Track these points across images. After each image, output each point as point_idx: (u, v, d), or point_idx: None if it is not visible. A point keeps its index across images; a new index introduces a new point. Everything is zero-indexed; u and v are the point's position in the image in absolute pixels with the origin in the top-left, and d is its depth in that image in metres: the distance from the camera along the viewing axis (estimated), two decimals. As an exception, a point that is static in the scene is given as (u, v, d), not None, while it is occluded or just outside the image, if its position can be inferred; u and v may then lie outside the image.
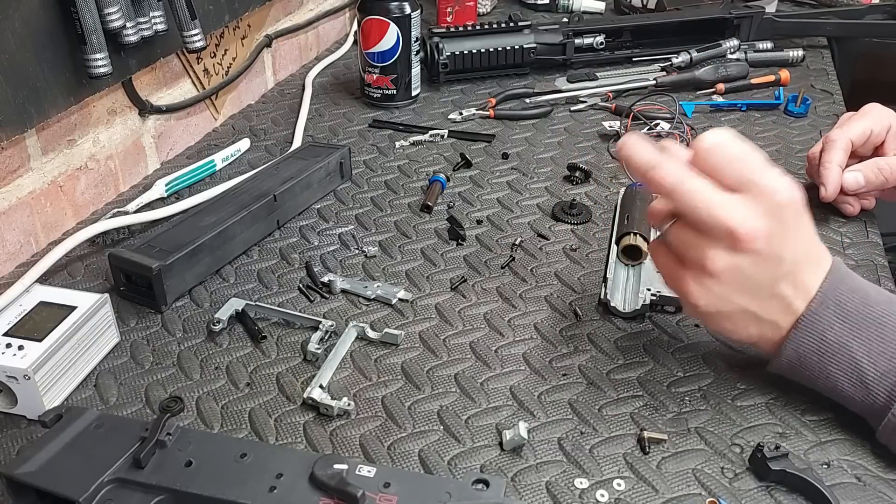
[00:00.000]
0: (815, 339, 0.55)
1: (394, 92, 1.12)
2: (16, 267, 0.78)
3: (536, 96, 1.15)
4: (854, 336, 0.55)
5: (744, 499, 0.54)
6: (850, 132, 0.82)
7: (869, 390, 0.55)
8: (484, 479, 0.50)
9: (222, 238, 0.76)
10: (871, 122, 0.82)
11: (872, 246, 0.80)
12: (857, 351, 0.55)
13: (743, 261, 0.53)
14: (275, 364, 0.66)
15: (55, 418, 0.53)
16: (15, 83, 0.70)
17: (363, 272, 0.78)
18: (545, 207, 0.89)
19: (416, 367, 0.66)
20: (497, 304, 0.73)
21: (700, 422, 0.60)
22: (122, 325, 0.70)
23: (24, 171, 0.77)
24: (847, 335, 0.55)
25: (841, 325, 0.55)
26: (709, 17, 1.30)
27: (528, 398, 0.62)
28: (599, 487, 0.55)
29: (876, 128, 0.82)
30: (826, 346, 0.55)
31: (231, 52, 1.10)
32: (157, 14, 0.83)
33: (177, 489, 0.49)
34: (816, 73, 1.24)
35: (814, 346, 0.56)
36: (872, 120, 0.82)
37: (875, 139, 0.83)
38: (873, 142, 0.83)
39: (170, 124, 0.99)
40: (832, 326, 0.55)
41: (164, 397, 0.63)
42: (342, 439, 0.59)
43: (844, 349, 0.55)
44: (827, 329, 0.55)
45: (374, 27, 1.07)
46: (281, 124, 1.10)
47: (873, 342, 0.54)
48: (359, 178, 0.95)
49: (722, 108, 1.12)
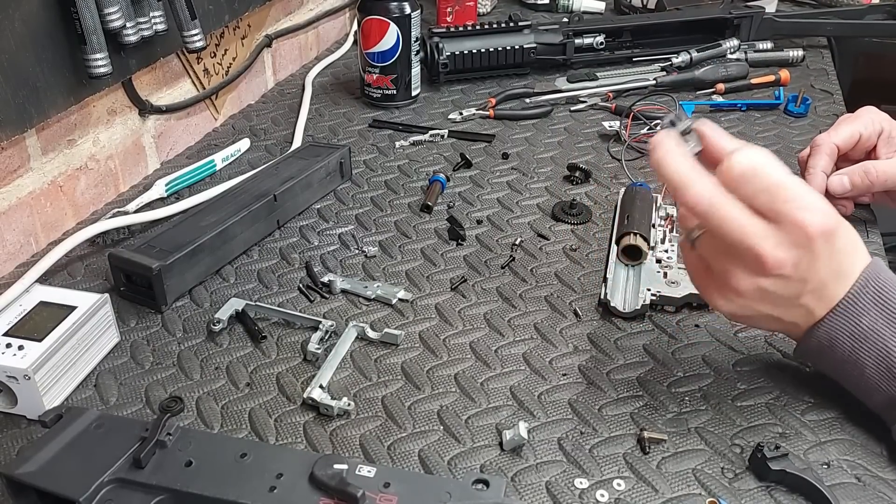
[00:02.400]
0: (850, 322, 0.56)
1: (394, 92, 1.12)
2: (16, 267, 0.78)
3: (536, 96, 1.15)
4: (888, 324, 0.55)
5: (744, 499, 0.54)
6: (836, 137, 0.83)
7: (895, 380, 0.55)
8: (484, 479, 0.50)
9: (222, 238, 0.76)
10: (860, 127, 0.83)
11: (872, 246, 0.80)
12: (890, 339, 0.55)
13: (766, 282, 0.54)
14: (275, 364, 0.66)
15: (55, 418, 0.53)
16: (15, 83, 0.70)
17: (363, 272, 0.78)
18: (545, 207, 0.89)
19: (416, 367, 0.66)
20: (497, 304, 0.73)
21: (700, 422, 0.60)
22: (122, 325, 0.70)
23: (24, 171, 0.77)
24: (882, 323, 0.55)
25: (877, 311, 0.55)
26: (709, 17, 1.29)
27: (528, 398, 0.62)
28: (599, 487, 0.55)
29: (865, 132, 0.82)
30: (859, 330, 0.56)
31: (231, 51, 1.10)
32: (157, 14, 0.83)
33: (177, 489, 0.49)
34: (816, 73, 1.24)
35: (847, 330, 0.56)
36: (863, 124, 0.83)
37: (865, 143, 0.83)
38: (864, 146, 0.83)
39: (170, 124, 0.99)
40: (868, 312, 0.55)
41: (164, 397, 0.63)
42: (342, 439, 0.59)
43: (877, 335, 0.55)
44: (863, 314, 0.55)
45: (374, 27, 1.07)
46: (281, 124, 1.10)
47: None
48: (359, 178, 0.95)
49: (722, 108, 1.12)
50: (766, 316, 0.57)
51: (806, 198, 0.53)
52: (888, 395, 0.56)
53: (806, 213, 0.52)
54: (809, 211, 0.52)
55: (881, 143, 0.83)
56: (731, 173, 0.53)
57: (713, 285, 0.57)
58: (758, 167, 0.53)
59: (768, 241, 0.52)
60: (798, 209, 0.52)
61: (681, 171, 0.53)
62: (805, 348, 0.58)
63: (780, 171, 0.53)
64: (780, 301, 0.56)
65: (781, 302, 0.56)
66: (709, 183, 0.53)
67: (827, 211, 0.53)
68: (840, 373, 0.58)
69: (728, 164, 0.53)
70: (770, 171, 0.53)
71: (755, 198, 0.53)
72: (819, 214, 0.52)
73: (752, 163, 0.53)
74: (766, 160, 0.53)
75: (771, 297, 0.55)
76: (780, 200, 0.52)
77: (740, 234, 0.52)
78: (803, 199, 0.52)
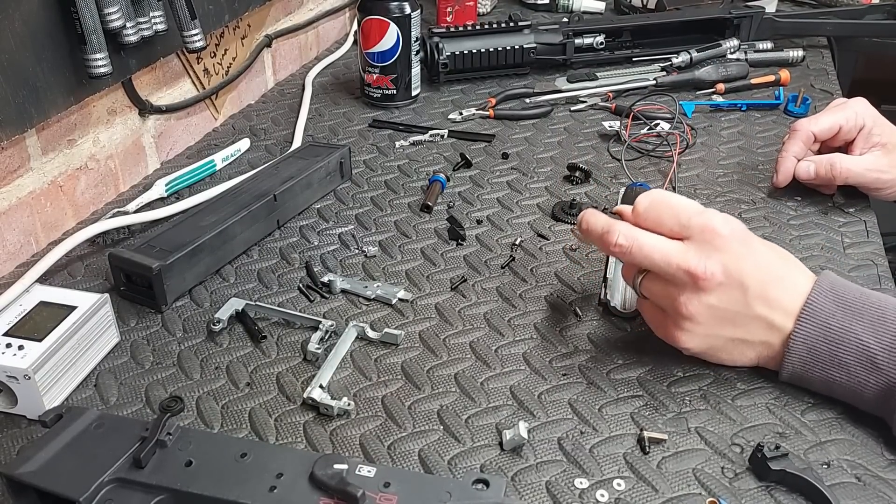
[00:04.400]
0: (821, 328, 0.57)
1: (394, 92, 1.12)
2: (16, 267, 0.78)
3: (536, 96, 1.15)
4: (856, 320, 0.57)
5: (744, 499, 0.54)
6: (815, 126, 0.86)
7: (880, 369, 0.56)
8: (484, 479, 0.50)
9: (222, 238, 0.76)
10: (842, 119, 0.85)
11: (872, 246, 0.80)
12: (863, 334, 0.56)
13: (711, 298, 0.58)
14: (275, 364, 0.66)
15: (55, 418, 0.53)
16: (15, 83, 0.70)
17: (363, 272, 0.78)
18: (545, 207, 0.89)
19: (416, 366, 0.66)
20: (497, 303, 0.73)
21: (700, 422, 0.60)
22: (122, 325, 0.70)
23: (24, 171, 0.77)
24: (850, 320, 0.57)
25: (842, 312, 0.57)
26: (709, 17, 1.30)
27: (528, 398, 0.62)
28: (599, 487, 0.55)
29: (847, 125, 0.85)
30: (832, 333, 0.57)
31: (231, 51, 1.10)
32: (157, 14, 0.83)
33: (177, 489, 0.49)
34: (816, 73, 1.24)
35: (820, 335, 0.57)
36: (845, 117, 0.85)
37: (845, 135, 0.85)
38: (843, 137, 0.86)
39: (170, 124, 0.99)
40: (834, 315, 0.57)
41: (164, 397, 0.63)
42: (342, 439, 0.59)
43: (850, 334, 0.57)
44: (829, 318, 0.57)
45: (374, 27, 1.07)
46: (281, 124, 1.10)
47: (875, 323, 0.56)
48: (359, 177, 0.95)
49: (722, 108, 1.12)
50: (732, 340, 0.60)
51: (707, 212, 0.59)
52: (877, 388, 0.56)
53: (711, 219, 0.58)
54: (714, 218, 0.58)
55: (860, 137, 0.85)
56: (639, 210, 0.60)
57: (670, 323, 0.61)
58: (657, 198, 0.60)
59: (690, 255, 0.57)
60: (704, 219, 0.58)
61: (601, 223, 0.61)
62: (790, 366, 0.60)
63: (679, 198, 0.61)
64: (735, 317, 0.59)
65: (738, 318, 0.59)
66: (625, 225, 0.60)
67: (730, 218, 0.59)
68: (828, 381, 0.59)
69: (634, 206, 0.61)
70: (669, 198, 0.60)
71: (663, 224, 0.59)
72: (723, 220, 0.58)
73: (652, 196, 0.61)
74: (665, 193, 0.61)
75: (723, 313, 0.58)
76: (685, 217, 0.58)
77: (664, 258, 0.58)
78: (705, 213, 0.59)
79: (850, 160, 0.83)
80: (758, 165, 0.96)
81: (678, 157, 0.96)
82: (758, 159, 0.98)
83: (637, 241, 0.59)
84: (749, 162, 0.97)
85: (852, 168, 0.83)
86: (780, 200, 0.89)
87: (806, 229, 0.83)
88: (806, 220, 0.85)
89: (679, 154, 0.97)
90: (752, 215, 0.86)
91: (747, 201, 0.89)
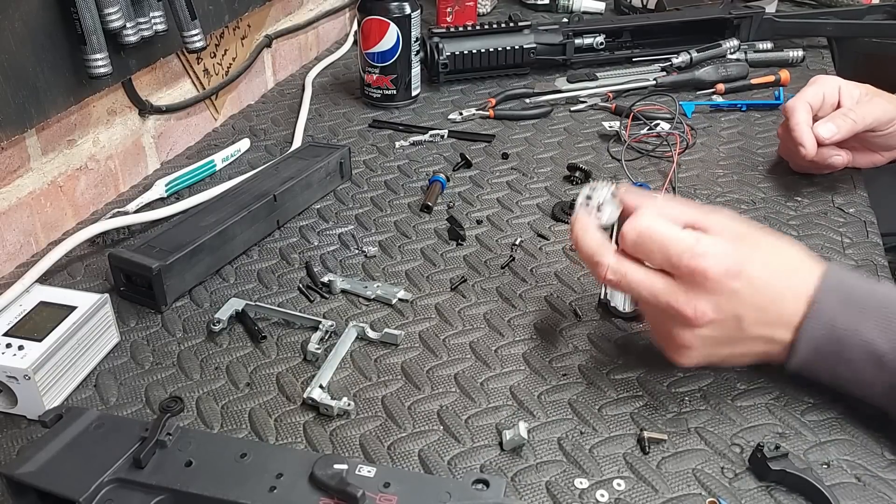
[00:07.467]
0: (826, 327, 0.56)
1: (394, 92, 1.12)
2: (16, 267, 0.78)
3: (536, 96, 1.15)
4: (862, 318, 0.56)
5: (744, 499, 0.54)
6: (805, 96, 0.87)
7: (886, 367, 0.55)
8: (484, 479, 0.50)
9: (222, 238, 0.76)
10: (821, 87, 0.87)
11: (872, 246, 0.80)
12: (869, 332, 0.55)
13: (703, 331, 0.56)
14: (275, 364, 0.66)
15: (55, 418, 0.53)
16: (15, 83, 0.70)
17: (363, 272, 0.78)
18: (545, 207, 0.89)
19: (416, 367, 0.66)
20: (497, 304, 0.73)
21: (700, 422, 0.60)
22: (122, 325, 0.70)
23: (24, 171, 0.77)
24: (856, 318, 0.56)
25: (848, 310, 0.56)
26: (709, 17, 1.29)
27: (527, 398, 0.62)
28: (599, 487, 0.55)
29: (827, 90, 0.87)
30: (837, 332, 0.56)
31: (231, 52, 1.10)
32: (157, 14, 0.83)
33: (177, 489, 0.49)
34: (816, 74, 1.24)
35: (825, 334, 0.56)
36: (821, 86, 0.87)
37: (830, 100, 0.87)
38: (830, 103, 0.87)
39: (170, 124, 0.99)
40: (840, 313, 0.56)
41: (164, 397, 0.63)
42: (342, 439, 0.59)
43: (855, 332, 0.56)
44: (836, 316, 0.56)
45: (374, 27, 1.07)
46: (281, 124, 1.10)
47: (881, 320, 0.56)
48: (359, 178, 0.95)
49: (722, 109, 1.12)
50: (732, 354, 0.59)
51: (697, 246, 0.55)
52: (885, 386, 0.56)
53: (700, 260, 0.55)
54: (703, 257, 0.55)
55: (844, 97, 0.87)
56: (626, 243, 0.58)
57: (667, 345, 0.60)
58: (643, 232, 0.57)
59: (678, 295, 0.55)
60: (691, 259, 0.55)
61: (590, 246, 0.59)
62: (795, 363, 0.59)
63: (666, 229, 0.57)
64: (732, 340, 0.58)
65: (735, 341, 0.58)
66: (615, 258, 0.58)
67: (722, 252, 0.55)
68: (837, 377, 0.58)
69: (622, 237, 0.58)
70: (656, 231, 0.56)
71: (652, 259, 0.57)
72: (712, 258, 0.55)
73: (638, 229, 0.57)
74: (652, 221, 0.57)
75: (719, 339, 0.57)
76: (674, 255, 0.55)
77: (652, 295, 0.57)
78: (694, 249, 0.55)
79: (859, 106, 0.85)
80: (758, 166, 0.97)
81: (678, 157, 0.96)
82: (758, 160, 0.98)
83: (625, 278, 0.58)
84: (749, 162, 0.97)
85: (866, 111, 0.84)
86: (780, 200, 0.89)
87: (806, 229, 0.83)
88: (806, 220, 0.85)
89: (679, 154, 0.97)
90: (752, 215, 0.86)
91: (747, 201, 0.89)
